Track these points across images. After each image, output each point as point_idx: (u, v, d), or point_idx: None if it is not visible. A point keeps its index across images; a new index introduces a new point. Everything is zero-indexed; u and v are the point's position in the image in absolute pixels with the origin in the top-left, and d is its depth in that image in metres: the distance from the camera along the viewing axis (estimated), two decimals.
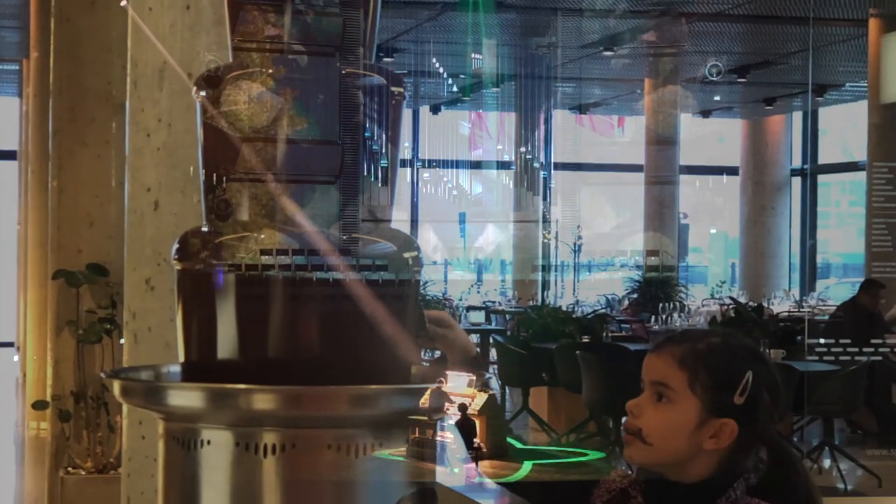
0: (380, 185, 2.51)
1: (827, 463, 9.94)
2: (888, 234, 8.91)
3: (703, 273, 26.63)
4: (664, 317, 15.23)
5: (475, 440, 2.17)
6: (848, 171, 22.63)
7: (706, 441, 2.42)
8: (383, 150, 2.53)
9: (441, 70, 18.95)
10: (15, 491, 9.63)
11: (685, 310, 16.29)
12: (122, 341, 4.31)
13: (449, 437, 2.16)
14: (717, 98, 21.76)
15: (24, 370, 13.75)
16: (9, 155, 19.68)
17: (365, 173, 2.48)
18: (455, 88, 21.04)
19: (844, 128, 23.94)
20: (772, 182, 22.50)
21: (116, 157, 7.43)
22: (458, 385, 2.23)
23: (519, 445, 2.27)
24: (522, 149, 21.20)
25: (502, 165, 23.60)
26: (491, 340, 14.25)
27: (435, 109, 23.15)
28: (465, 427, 2.17)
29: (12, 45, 17.69)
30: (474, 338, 14.91)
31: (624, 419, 2.47)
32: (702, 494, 2.41)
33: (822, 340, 8.73)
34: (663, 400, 2.43)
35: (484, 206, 25.12)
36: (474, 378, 2.24)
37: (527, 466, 2.19)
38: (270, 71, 2.47)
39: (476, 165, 25.20)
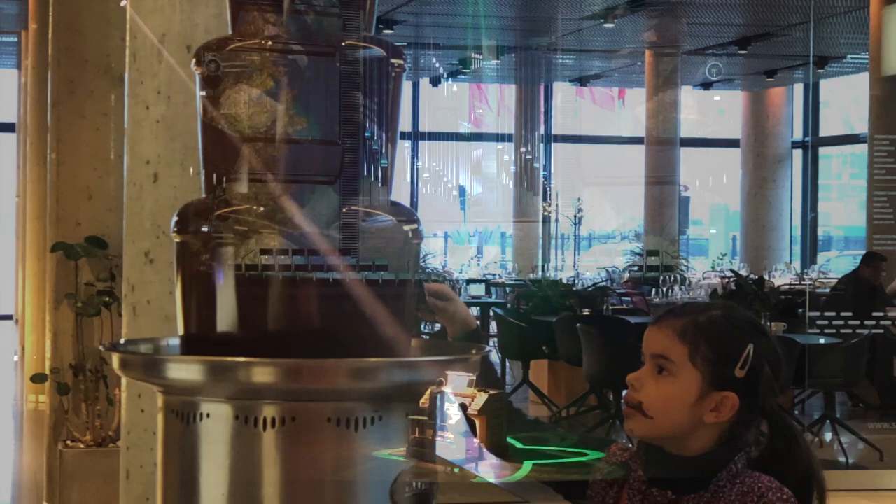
0: (380, 185, 2.50)
1: (828, 436, 9.94)
2: (889, 207, 8.90)
3: (704, 245, 26.63)
4: (665, 289, 15.23)
5: (475, 440, 2.17)
6: (849, 144, 22.60)
7: (707, 414, 2.41)
8: (384, 151, 2.51)
9: (434, 55, 18.91)
10: (14, 464, 9.64)
11: (686, 282, 16.28)
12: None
13: (449, 437, 2.17)
14: (717, 70, 21.71)
15: (23, 343, 13.76)
16: (7, 127, 19.64)
17: (365, 173, 2.48)
18: (455, 61, 20.99)
19: (845, 100, 23.90)
20: (773, 154, 22.46)
21: (115, 130, 7.40)
22: (458, 385, 2.23)
23: (519, 445, 2.27)
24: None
25: (502, 138, 23.58)
26: (491, 313, 14.25)
27: (434, 82, 23.11)
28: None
29: (11, 17, 17.63)
30: (474, 311, 14.92)
31: (624, 392, 2.46)
32: (702, 468, 2.41)
33: (823, 313, 8.73)
34: (664, 373, 2.42)
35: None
36: (474, 378, 2.24)
37: (527, 466, 2.20)
38: (270, 71, 2.46)
39: (476, 137, 25.19)
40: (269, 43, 2.48)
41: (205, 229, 2.48)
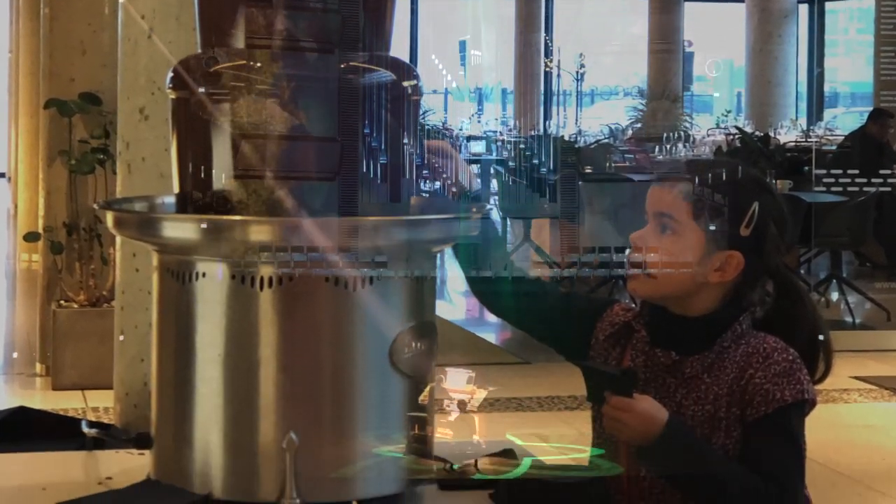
0: (379, 181, 2.46)
1: (835, 296, 9.92)
2: None
3: (708, 102, 26.42)
4: (668, 147, 15.11)
5: (474, 436, 2.17)
6: None
7: (711, 274, 2.38)
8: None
9: None
10: (6, 324, 9.64)
11: (690, 139, 16.17)
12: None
13: (449, 434, 2.17)
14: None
15: (16, 201, 13.71)
16: None
17: (364, 170, 2.44)
18: None
19: None
20: (778, 9, 22.16)
21: None
22: (457, 381, 2.21)
23: (519, 443, 2.26)
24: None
25: None
26: (492, 171, 14.21)
27: None
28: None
29: None
30: (475, 168, 14.86)
31: (628, 251, 2.43)
32: (707, 328, 2.38)
33: (829, 171, 8.65)
34: (667, 232, 2.39)
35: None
36: (473, 374, 2.22)
37: (526, 463, 2.22)
38: (270, 67, 2.40)
39: None
40: None
41: (201, 85, 2.43)
